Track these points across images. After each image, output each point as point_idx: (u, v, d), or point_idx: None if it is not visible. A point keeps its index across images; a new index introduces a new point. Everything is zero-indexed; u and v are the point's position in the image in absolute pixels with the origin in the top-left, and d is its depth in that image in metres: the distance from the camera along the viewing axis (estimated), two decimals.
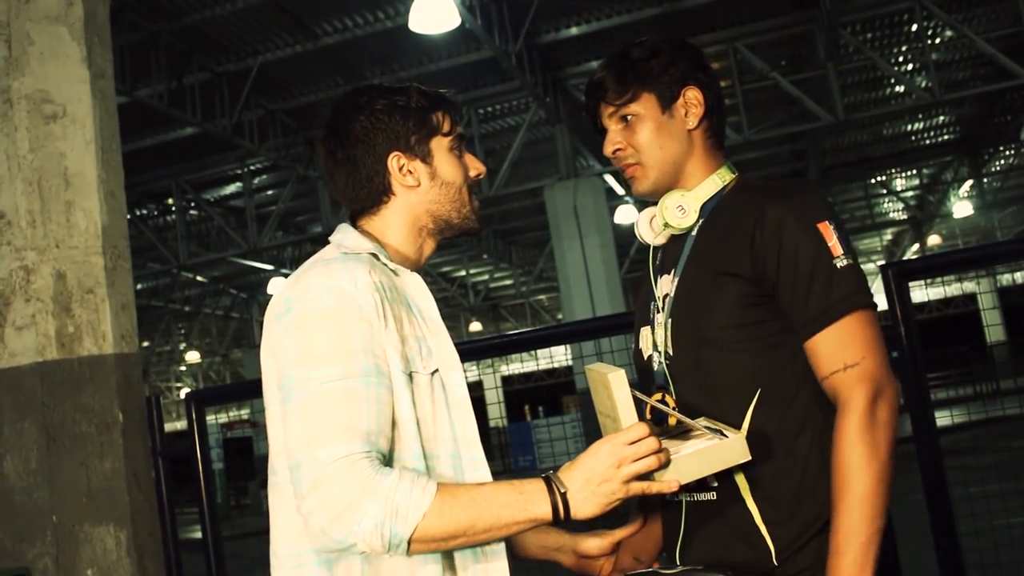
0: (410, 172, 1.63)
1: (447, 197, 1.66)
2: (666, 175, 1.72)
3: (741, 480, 1.58)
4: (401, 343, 1.50)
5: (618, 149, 1.74)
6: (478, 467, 1.55)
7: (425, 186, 1.65)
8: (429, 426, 1.52)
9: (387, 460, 1.45)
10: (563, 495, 1.42)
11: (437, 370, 1.55)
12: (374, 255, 1.58)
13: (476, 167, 1.70)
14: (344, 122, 1.65)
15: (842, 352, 1.53)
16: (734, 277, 1.59)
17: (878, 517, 1.48)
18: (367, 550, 1.38)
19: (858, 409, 1.51)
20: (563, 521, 1.43)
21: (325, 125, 1.70)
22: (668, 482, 1.45)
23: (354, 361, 1.44)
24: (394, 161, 1.62)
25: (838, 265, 1.55)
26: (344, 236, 1.63)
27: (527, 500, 1.42)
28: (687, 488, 1.59)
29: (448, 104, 1.69)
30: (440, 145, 1.66)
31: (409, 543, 1.38)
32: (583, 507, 1.43)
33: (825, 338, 1.54)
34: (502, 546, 1.51)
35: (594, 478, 1.43)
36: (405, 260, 1.66)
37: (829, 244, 1.56)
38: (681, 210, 1.70)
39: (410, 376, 1.51)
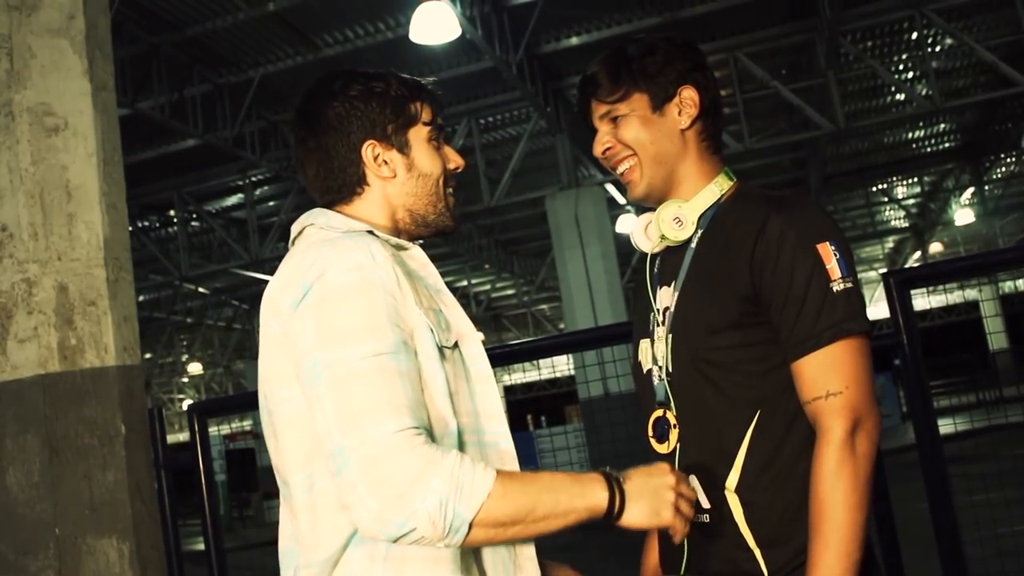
0: (386, 162, 1.56)
1: (424, 191, 1.58)
2: (659, 175, 1.67)
3: (735, 503, 1.56)
4: (427, 315, 1.42)
5: (607, 148, 1.70)
6: (501, 440, 1.48)
7: (402, 178, 1.57)
8: (459, 401, 1.45)
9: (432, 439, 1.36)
10: (621, 488, 1.37)
11: (456, 343, 1.48)
12: (371, 232, 1.49)
13: (455, 160, 1.64)
14: (317, 108, 1.56)
15: (825, 379, 1.50)
16: (734, 295, 1.56)
17: (855, 551, 1.44)
18: (424, 535, 1.27)
19: (836, 440, 1.47)
20: (616, 516, 1.37)
21: (296, 110, 1.60)
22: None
23: (383, 336, 1.34)
24: (369, 150, 1.55)
25: (834, 289, 1.51)
26: (329, 218, 1.53)
27: (584, 488, 1.35)
28: None
29: (428, 93, 1.61)
30: (418, 135, 1.58)
31: (470, 527, 1.28)
32: (635, 507, 1.37)
33: (810, 363, 1.51)
34: (535, 565, 1.47)
35: (651, 485, 1.39)
36: None
37: (827, 266, 1.51)
38: (678, 222, 1.66)
39: (440, 351, 1.43)
